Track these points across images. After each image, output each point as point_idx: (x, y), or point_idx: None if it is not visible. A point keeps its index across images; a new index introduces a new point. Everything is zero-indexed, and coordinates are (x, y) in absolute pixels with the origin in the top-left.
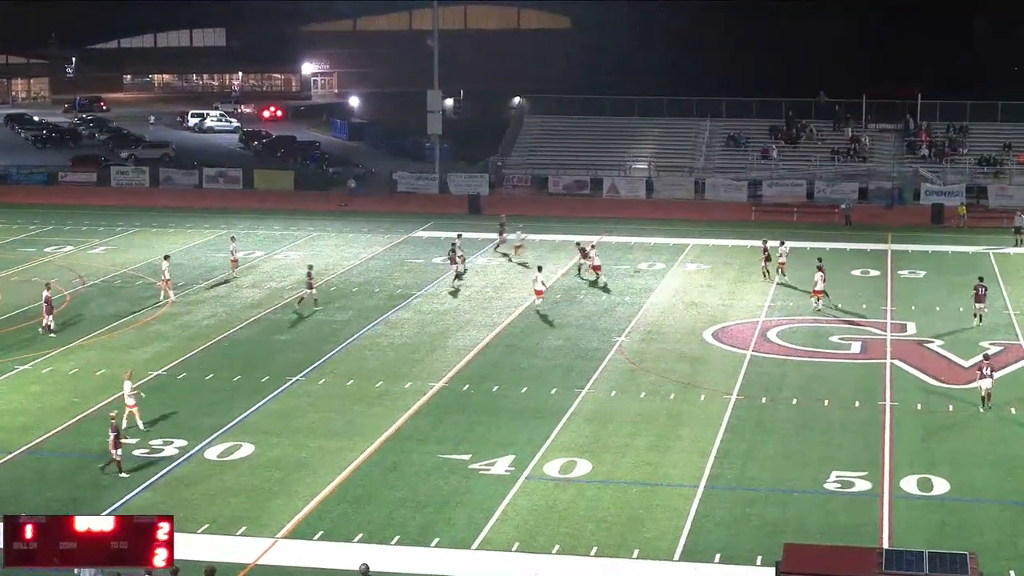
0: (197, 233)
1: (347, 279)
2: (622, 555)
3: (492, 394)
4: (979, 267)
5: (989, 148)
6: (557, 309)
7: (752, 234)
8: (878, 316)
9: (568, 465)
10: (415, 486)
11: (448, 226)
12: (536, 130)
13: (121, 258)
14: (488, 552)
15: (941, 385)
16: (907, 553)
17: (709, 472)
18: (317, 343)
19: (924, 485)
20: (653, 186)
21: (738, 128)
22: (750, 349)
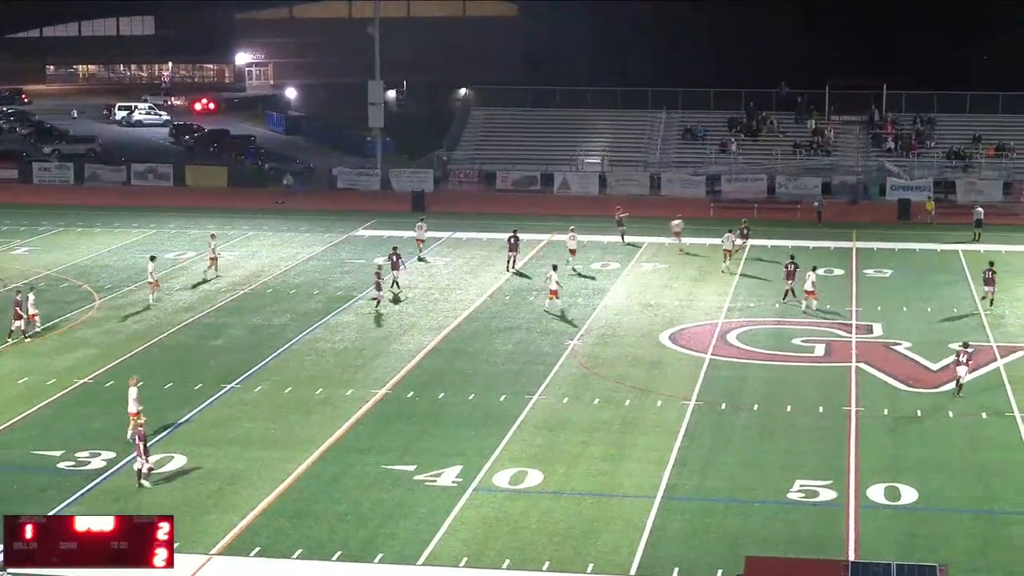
0: (125, 233)
1: (284, 280)
2: (575, 569)
3: (438, 401)
4: (948, 266)
5: (958, 141)
6: (506, 311)
7: (711, 231)
8: (843, 317)
9: (518, 475)
10: (357, 499)
11: (391, 224)
12: (483, 123)
13: (44, 259)
14: (435, 568)
15: (909, 389)
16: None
17: (666, 482)
18: (253, 349)
19: (891, 494)
20: (606, 181)
21: (695, 120)
22: (709, 352)
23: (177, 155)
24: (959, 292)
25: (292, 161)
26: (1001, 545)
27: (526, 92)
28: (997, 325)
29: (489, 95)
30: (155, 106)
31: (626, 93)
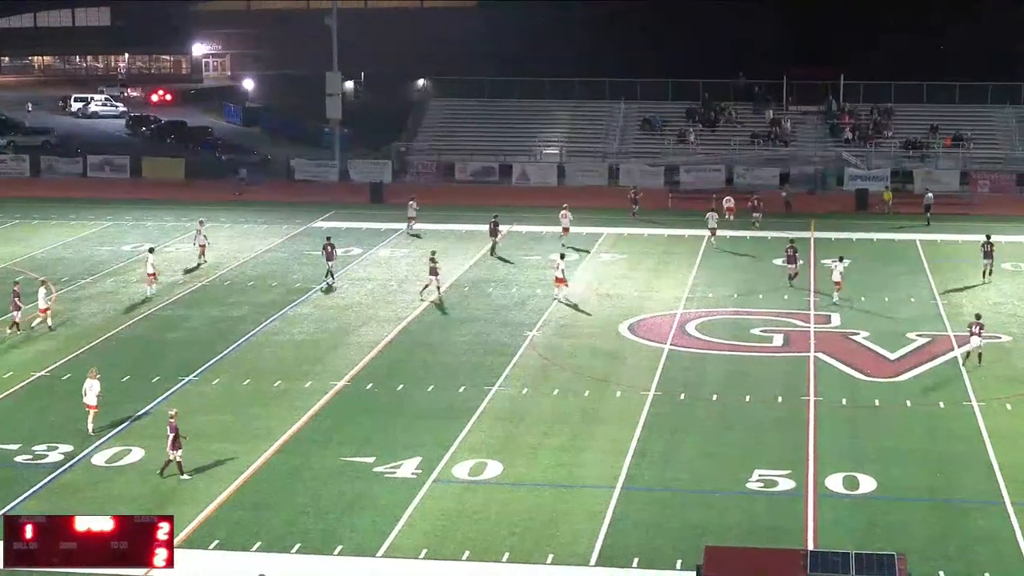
0: (81, 225)
1: (242, 272)
2: (535, 560)
3: (397, 393)
4: (906, 255)
5: (915, 131)
6: (465, 302)
7: (669, 222)
8: (801, 307)
9: (478, 467)
10: (316, 491)
11: (349, 216)
12: (441, 114)
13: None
14: (395, 560)
15: (867, 379)
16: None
17: (626, 472)
18: (211, 341)
19: (850, 483)
20: (565, 172)
21: (653, 111)
22: (668, 343)
23: (134, 147)
24: (917, 282)
25: (250, 153)
26: (959, 534)
27: (484, 83)
28: (954, 315)
29: (447, 86)
30: (111, 98)
31: (584, 84)
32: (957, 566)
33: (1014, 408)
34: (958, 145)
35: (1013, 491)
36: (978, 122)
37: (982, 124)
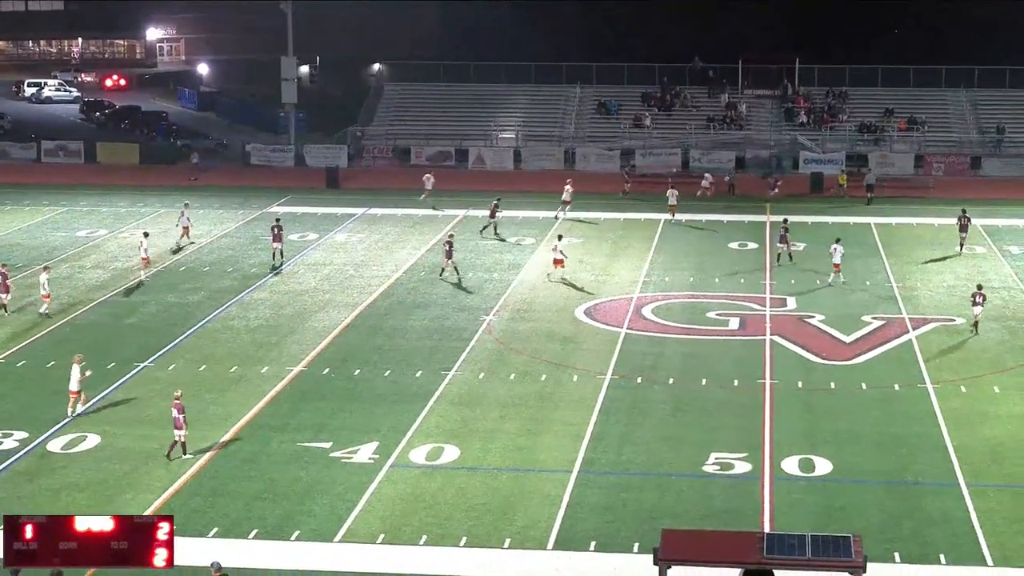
0: (36, 211)
1: (197, 258)
2: (493, 545)
3: (354, 378)
4: (861, 238)
5: (869, 114)
6: (421, 287)
7: (625, 206)
8: (757, 291)
9: (435, 451)
10: (273, 477)
11: (305, 200)
12: (397, 98)
13: None
14: (352, 544)
15: (823, 362)
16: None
17: (583, 456)
18: (166, 327)
19: (806, 466)
20: (521, 156)
21: (609, 95)
22: (624, 327)
23: (88, 132)
24: (872, 265)
25: (205, 138)
26: (914, 516)
27: (440, 67)
28: (909, 298)
29: (403, 70)
30: (65, 82)
31: (540, 68)
32: (912, 547)
33: (968, 390)
34: (912, 128)
35: (967, 472)
36: (932, 106)
37: (936, 108)
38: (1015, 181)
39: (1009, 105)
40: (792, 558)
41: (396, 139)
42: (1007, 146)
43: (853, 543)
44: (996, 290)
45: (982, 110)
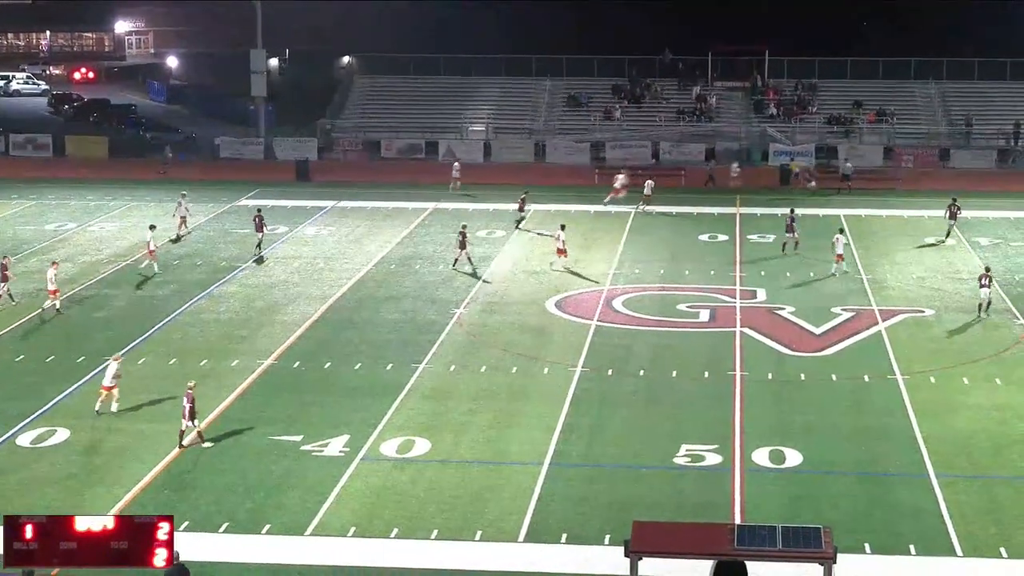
0: (4, 205)
1: (167, 251)
2: (464, 537)
3: (324, 371)
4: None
5: (839, 106)
6: (392, 280)
7: (595, 198)
8: (727, 282)
9: (406, 444)
10: (244, 470)
11: (275, 194)
12: (367, 91)
13: None
14: (323, 538)
15: (793, 353)
16: (760, 528)
17: (554, 449)
18: (136, 320)
19: (776, 457)
20: (491, 149)
21: (579, 88)
22: (595, 319)
23: (56, 125)
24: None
25: (174, 131)
26: (884, 506)
27: (410, 60)
28: (878, 289)
29: (373, 63)
30: (33, 75)
31: (510, 61)
32: (882, 538)
33: (938, 381)
34: (882, 120)
35: (937, 464)
36: (901, 98)
37: (905, 100)
38: (984, 173)
39: (977, 97)
40: (763, 549)
41: (366, 132)
42: (976, 138)
43: (823, 534)
44: (965, 281)
45: (951, 102)
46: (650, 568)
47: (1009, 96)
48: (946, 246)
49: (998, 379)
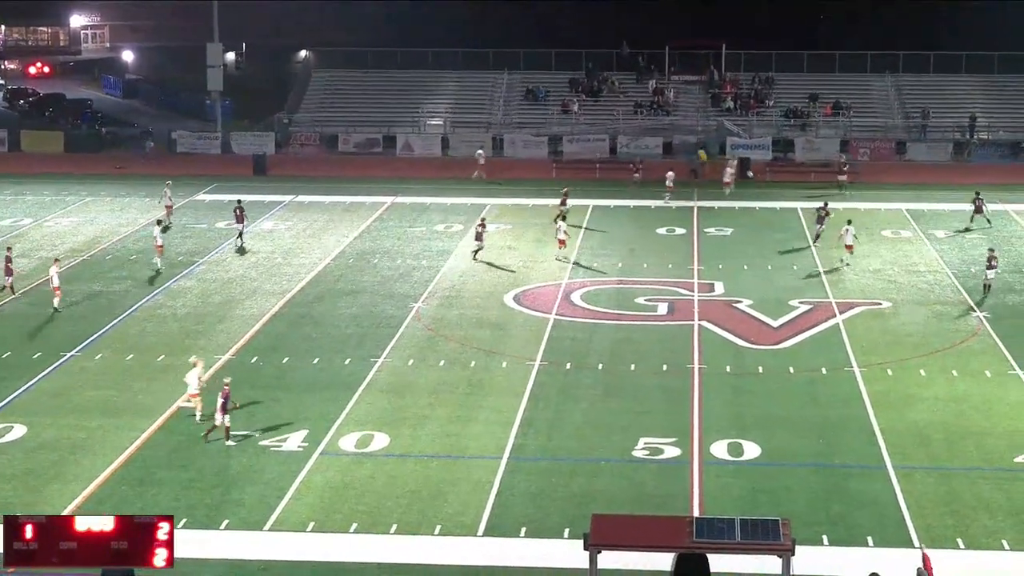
0: None
1: (124, 246)
2: (423, 532)
3: (282, 366)
4: (787, 224)
5: (795, 100)
6: (349, 274)
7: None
8: (685, 276)
9: (365, 439)
10: (202, 466)
11: (232, 188)
12: (324, 85)
13: None
14: (282, 533)
15: (751, 346)
16: (718, 521)
17: (513, 443)
18: (93, 316)
19: (735, 450)
20: (449, 143)
21: (537, 81)
22: (553, 313)
23: (11, 120)
24: (799, 250)
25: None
26: (841, 498)
27: (367, 54)
28: (836, 282)
29: (329, 57)
30: None
31: (467, 54)
32: (840, 530)
33: (894, 373)
34: (838, 114)
35: (894, 455)
36: (857, 91)
37: (861, 93)
38: (939, 166)
39: (933, 90)
40: (721, 542)
41: (323, 126)
42: (931, 131)
43: (782, 526)
44: (921, 274)
45: (907, 95)
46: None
47: (964, 89)
48: (902, 238)
49: (954, 371)
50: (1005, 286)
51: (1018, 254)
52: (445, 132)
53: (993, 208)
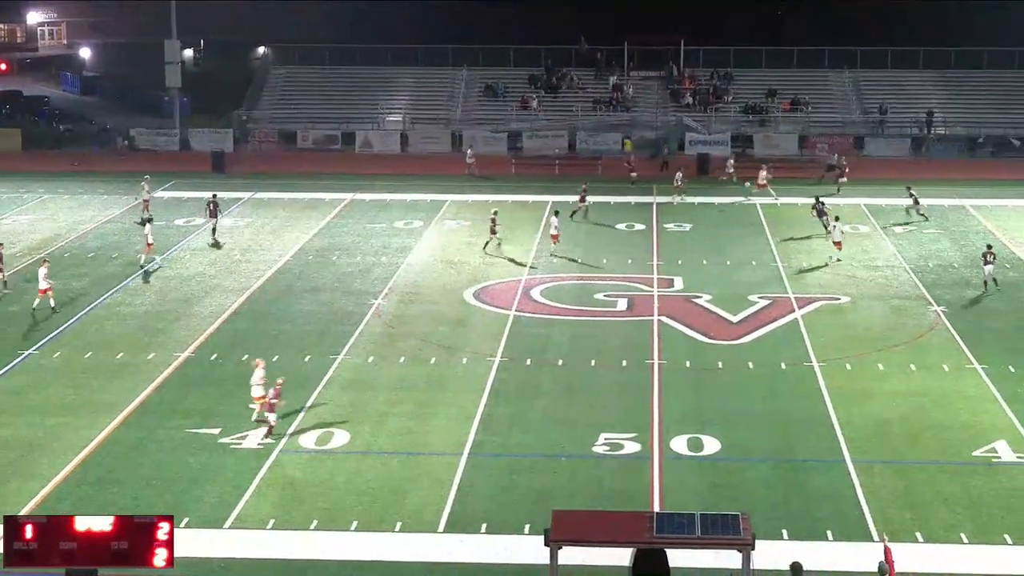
0: None
1: (82, 244)
2: (384, 529)
3: (242, 363)
4: (747, 219)
5: (754, 95)
6: (309, 271)
7: (512, 187)
8: (645, 271)
9: (325, 436)
10: (161, 463)
11: (191, 185)
12: (283, 82)
13: None
14: (242, 530)
15: (710, 342)
16: (679, 515)
17: (473, 439)
18: (51, 314)
19: (695, 445)
20: (408, 139)
21: (496, 77)
22: (513, 309)
23: None
24: (758, 245)
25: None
26: (801, 493)
27: (325, 50)
28: (795, 277)
29: (288, 54)
30: None
31: (427, 51)
32: (800, 524)
33: (854, 368)
34: (796, 109)
35: (853, 449)
36: (816, 86)
37: (820, 88)
38: (897, 161)
39: (891, 85)
40: (682, 537)
41: (282, 123)
42: (889, 126)
43: (742, 521)
44: (879, 269)
45: (865, 91)
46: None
47: (922, 85)
48: (860, 233)
49: (912, 365)
50: (962, 280)
51: (975, 249)
52: (404, 129)
53: (950, 203)
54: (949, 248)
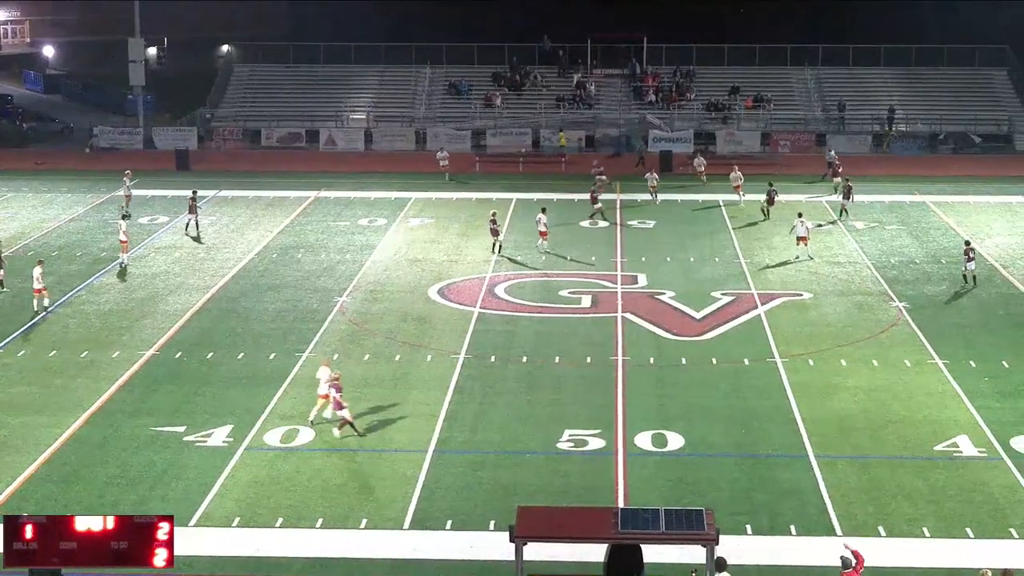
0: None
1: (46, 242)
2: (349, 525)
3: (207, 361)
4: (710, 216)
5: (716, 93)
6: (274, 269)
7: (477, 185)
8: (608, 268)
9: (290, 434)
10: (126, 462)
11: (154, 183)
12: (246, 80)
13: None
14: (207, 528)
15: (674, 338)
16: (643, 511)
17: (438, 436)
18: (14, 312)
19: (659, 441)
20: (372, 137)
21: (459, 75)
22: (477, 306)
23: None
24: (721, 242)
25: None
26: (764, 488)
27: (289, 48)
28: (757, 274)
29: (251, 52)
30: None
31: (390, 49)
32: (763, 519)
33: (816, 364)
34: (759, 106)
35: (816, 445)
36: (778, 83)
37: (782, 85)
38: (858, 158)
39: (851, 83)
40: (646, 532)
41: (246, 121)
42: (850, 123)
43: (706, 516)
44: (841, 265)
45: (826, 88)
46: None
47: (883, 82)
48: (822, 229)
49: (875, 361)
50: (923, 276)
51: (936, 245)
52: (368, 126)
53: (911, 200)
54: (911, 244)
